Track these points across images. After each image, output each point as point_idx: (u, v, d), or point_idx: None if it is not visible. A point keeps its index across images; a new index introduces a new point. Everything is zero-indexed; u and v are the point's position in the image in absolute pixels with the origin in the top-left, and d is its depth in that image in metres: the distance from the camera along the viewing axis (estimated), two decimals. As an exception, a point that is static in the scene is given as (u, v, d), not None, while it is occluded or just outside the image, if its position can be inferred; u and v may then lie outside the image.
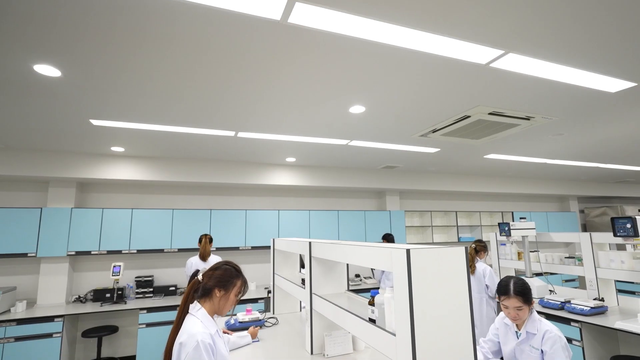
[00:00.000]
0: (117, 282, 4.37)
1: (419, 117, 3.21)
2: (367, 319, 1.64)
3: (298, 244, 2.56)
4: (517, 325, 2.07)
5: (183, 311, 1.57)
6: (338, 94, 2.65)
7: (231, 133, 3.59)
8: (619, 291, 3.65)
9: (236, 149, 4.32)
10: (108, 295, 4.40)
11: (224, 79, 2.36)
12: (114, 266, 4.27)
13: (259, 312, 3.08)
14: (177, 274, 5.05)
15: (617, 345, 3.25)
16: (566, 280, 6.72)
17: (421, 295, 1.25)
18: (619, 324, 2.85)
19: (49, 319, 3.82)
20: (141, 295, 4.61)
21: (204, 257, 4.19)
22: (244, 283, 1.69)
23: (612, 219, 2.89)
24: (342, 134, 3.73)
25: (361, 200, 6.51)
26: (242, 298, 1.68)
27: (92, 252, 4.39)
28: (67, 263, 4.44)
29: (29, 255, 4.15)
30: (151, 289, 4.68)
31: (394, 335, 1.34)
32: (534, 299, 2.04)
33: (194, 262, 4.18)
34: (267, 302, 4.81)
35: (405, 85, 2.51)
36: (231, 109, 2.93)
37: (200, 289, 1.62)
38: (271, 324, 2.98)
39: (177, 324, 1.54)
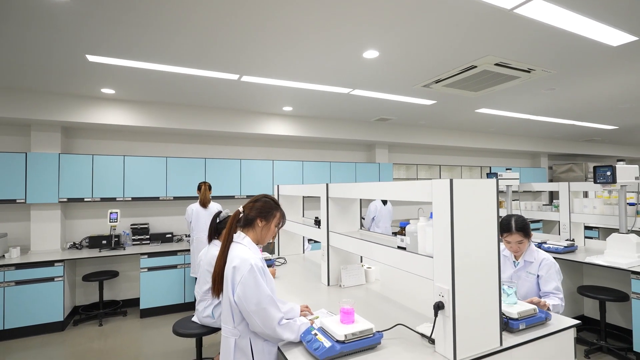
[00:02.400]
0: (114, 229, 4.34)
1: (428, 65, 3.23)
2: (397, 247, 1.80)
3: (316, 187, 2.65)
4: (515, 255, 2.33)
5: (228, 240, 1.64)
6: (355, 36, 2.61)
7: (235, 76, 3.46)
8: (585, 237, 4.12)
9: (234, 95, 4.19)
10: (104, 242, 4.39)
11: (236, 14, 2.24)
12: (111, 213, 4.22)
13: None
14: (173, 222, 5.07)
15: (582, 278, 3.75)
16: (532, 229, 7.38)
17: (460, 220, 1.39)
18: (588, 259, 3.27)
19: (49, 263, 3.79)
20: (138, 242, 4.63)
21: (204, 204, 4.22)
22: (283, 215, 1.78)
23: (595, 167, 3.18)
24: (347, 82, 3.71)
25: (352, 153, 6.62)
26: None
27: (85, 199, 4.28)
28: (59, 210, 4.33)
29: (17, 201, 3.99)
30: (147, 236, 4.70)
31: (431, 257, 1.50)
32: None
33: (195, 209, 4.21)
34: (265, 246, 5.00)
35: (425, 29, 2.50)
36: (239, 49, 2.81)
37: (243, 220, 1.69)
38: (280, 263, 3.16)
39: (224, 252, 1.61)
